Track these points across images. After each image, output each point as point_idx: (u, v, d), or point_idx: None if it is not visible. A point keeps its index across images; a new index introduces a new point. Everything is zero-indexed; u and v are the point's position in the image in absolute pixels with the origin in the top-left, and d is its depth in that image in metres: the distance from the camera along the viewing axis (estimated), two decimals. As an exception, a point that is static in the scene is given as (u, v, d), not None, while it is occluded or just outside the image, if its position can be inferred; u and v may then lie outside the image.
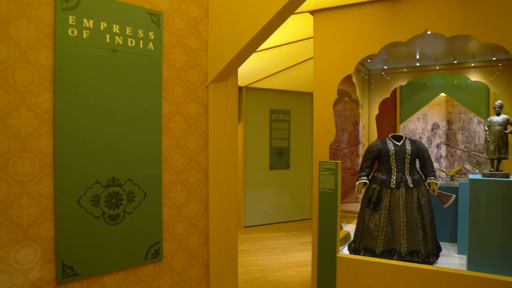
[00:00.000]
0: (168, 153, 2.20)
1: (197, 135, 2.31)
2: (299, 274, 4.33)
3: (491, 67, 5.02)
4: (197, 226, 2.34)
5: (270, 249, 5.26)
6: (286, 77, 6.11)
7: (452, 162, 6.18)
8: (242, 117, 6.33)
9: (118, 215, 2.03)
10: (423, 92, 6.16)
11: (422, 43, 4.34)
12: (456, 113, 6.16)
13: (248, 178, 6.44)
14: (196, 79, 2.30)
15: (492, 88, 5.07)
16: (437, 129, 6.31)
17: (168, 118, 2.20)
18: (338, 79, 3.71)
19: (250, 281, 4.11)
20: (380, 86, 5.55)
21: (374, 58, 4.99)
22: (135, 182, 2.08)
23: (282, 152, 6.74)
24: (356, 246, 4.05)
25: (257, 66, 5.52)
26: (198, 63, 2.30)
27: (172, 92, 2.21)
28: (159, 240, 2.20)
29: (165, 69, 2.17)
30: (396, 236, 3.87)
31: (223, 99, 2.38)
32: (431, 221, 3.94)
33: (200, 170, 2.33)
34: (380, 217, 3.95)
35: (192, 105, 2.28)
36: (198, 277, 2.37)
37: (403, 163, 4.02)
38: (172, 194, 2.23)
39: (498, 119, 3.83)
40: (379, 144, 4.12)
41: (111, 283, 2.02)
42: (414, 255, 3.82)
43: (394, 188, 3.97)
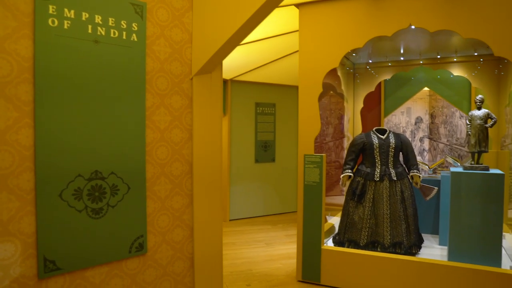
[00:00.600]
0: (152, 145, 2.18)
1: (182, 127, 2.30)
2: (284, 266, 4.36)
3: (472, 62, 5.10)
4: (182, 219, 2.33)
5: (256, 242, 5.29)
6: (272, 71, 6.10)
7: (434, 156, 6.28)
8: (227, 110, 6.31)
9: (102, 208, 2.01)
10: (407, 86, 6.23)
11: (406, 37, 4.38)
12: (439, 107, 6.25)
13: (234, 171, 6.44)
14: (180, 71, 2.27)
15: (474, 83, 5.16)
16: (421, 123, 6.39)
17: (152, 110, 2.17)
18: (323, 73, 3.72)
19: (235, 274, 4.12)
20: (365, 80, 5.60)
21: (359, 52, 5.01)
22: (118, 175, 2.06)
23: (268, 145, 6.75)
24: (341, 238, 4.10)
25: (242, 59, 5.50)
26: (182, 55, 2.28)
27: (156, 84, 2.18)
28: (143, 234, 2.18)
29: (148, 61, 2.14)
30: (380, 228, 3.92)
31: (208, 91, 2.37)
32: (413, 214, 4.01)
33: (184, 163, 2.32)
34: (364, 209, 4.00)
35: (176, 97, 2.26)
36: (183, 270, 2.37)
37: (387, 156, 4.07)
38: (156, 187, 2.22)
39: (479, 113, 3.90)
40: (363, 138, 4.16)
41: (95, 277, 2.00)
42: (397, 247, 3.88)
43: (378, 181, 4.02)
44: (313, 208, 3.78)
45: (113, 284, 2.07)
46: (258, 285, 3.85)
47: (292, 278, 3.99)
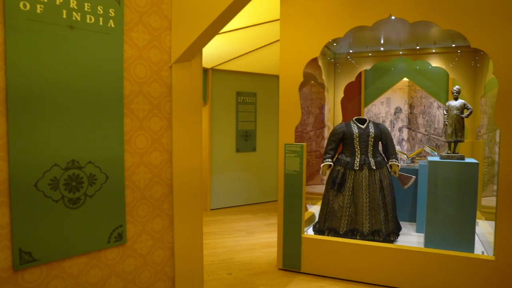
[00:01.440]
0: (130, 134, 2.15)
1: (161, 116, 2.26)
2: (265, 255, 4.40)
3: (450, 53, 5.19)
4: (162, 208, 2.31)
5: (237, 231, 5.31)
6: (253, 60, 6.07)
7: (413, 145, 6.40)
8: (208, 99, 6.26)
9: (79, 198, 1.97)
10: (386, 76, 6.30)
11: (387, 28, 4.42)
12: (418, 97, 6.35)
13: (214, 160, 6.42)
14: (159, 59, 2.23)
15: (451, 74, 5.25)
16: (400, 113, 6.49)
17: (130, 98, 2.13)
18: (304, 62, 3.72)
19: (216, 263, 4.13)
20: (346, 70, 5.63)
21: (340, 41, 5.03)
22: (96, 165, 2.02)
23: (249, 135, 6.75)
24: (321, 226, 4.15)
25: (223, 47, 5.45)
26: (161, 42, 2.24)
27: (134, 72, 2.14)
28: (123, 223, 2.16)
29: (126, 48, 2.10)
30: (359, 217, 3.99)
31: (188, 80, 2.33)
32: (392, 202, 4.09)
33: (164, 152, 2.29)
34: (344, 198, 4.05)
35: (155, 85, 2.23)
36: (163, 259, 2.36)
37: (366, 146, 4.12)
38: (135, 177, 2.19)
39: (456, 104, 3.98)
40: (343, 127, 4.20)
41: (73, 268, 1.97)
42: (376, 234, 3.96)
43: (358, 170, 4.07)
44: (293, 197, 3.81)
45: (91, 275, 2.04)
46: (239, 273, 3.87)
47: (273, 266, 4.03)
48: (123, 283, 2.18)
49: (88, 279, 2.03)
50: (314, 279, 3.72)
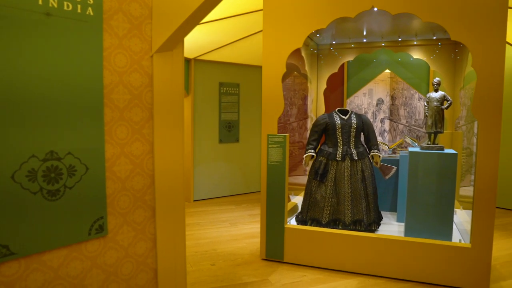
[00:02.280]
0: (111, 125, 2.11)
1: (142, 106, 2.23)
2: (248, 245, 4.42)
3: (431, 45, 5.25)
4: (143, 199, 2.29)
5: (220, 222, 5.31)
6: (236, 50, 6.03)
7: (394, 136, 6.49)
8: (190, 90, 6.20)
9: (58, 190, 1.93)
10: (369, 68, 6.35)
11: (369, 19, 4.44)
12: (399, 89, 6.42)
13: (197, 151, 6.39)
14: (140, 48, 2.19)
15: (432, 66, 5.32)
16: (382, 104, 6.56)
17: (110, 88, 2.09)
18: (287, 53, 3.71)
19: (200, 254, 4.14)
20: (329, 61, 5.64)
21: (323, 32, 5.03)
22: (75, 156, 1.99)
23: (232, 126, 6.72)
24: (303, 217, 4.19)
25: (206, 38, 5.39)
26: (142, 31, 2.19)
27: (114, 61, 2.10)
28: (103, 215, 2.13)
29: (106, 36, 2.05)
30: (341, 207, 4.03)
31: (169, 69, 2.30)
32: (373, 192, 4.14)
33: (145, 143, 2.26)
34: (326, 188, 4.09)
35: (136, 75, 2.19)
36: (145, 251, 2.34)
37: (348, 137, 4.16)
38: (116, 168, 2.16)
39: (436, 95, 4.04)
40: (326, 118, 4.22)
41: (52, 260, 1.94)
42: (358, 224, 4.01)
43: (340, 160, 4.11)
44: (276, 187, 3.82)
45: (72, 267, 2.02)
46: (222, 264, 3.88)
47: (256, 257, 4.06)
48: (105, 275, 2.16)
49: (69, 272, 2.00)
50: (297, 269, 3.76)
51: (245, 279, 3.53)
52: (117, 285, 2.22)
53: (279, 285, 3.42)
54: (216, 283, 3.45)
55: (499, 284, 3.46)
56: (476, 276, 3.30)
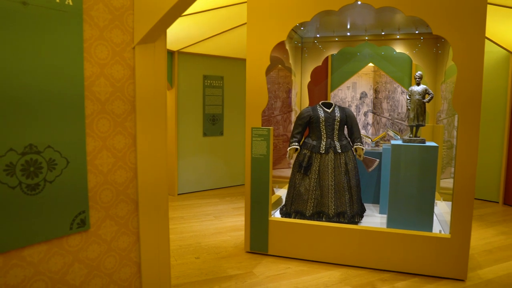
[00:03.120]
0: (92, 118, 2.08)
1: (124, 99, 2.20)
2: (232, 238, 4.43)
3: (414, 40, 5.31)
4: (126, 193, 2.27)
5: (204, 215, 5.30)
6: (220, 43, 5.99)
7: (377, 129, 6.56)
8: (174, 82, 6.14)
9: (38, 184, 1.89)
10: (353, 61, 6.39)
11: (353, 13, 4.45)
12: (383, 82, 6.49)
13: (181, 145, 6.35)
14: (121, 40, 2.15)
15: (414, 60, 5.38)
16: (365, 98, 6.62)
17: (91, 80, 2.05)
18: (271, 46, 3.71)
19: (184, 247, 4.13)
20: (313, 54, 5.66)
21: (307, 25, 5.04)
22: (55, 149, 1.95)
23: (216, 119, 6.70)
24: (288, 209, 4.21)
25: (190, 30, 5.34)
26: (123, 22, 2.15)
27: (95, 53, 2.06)
28: (85, 209, 2.10)
29: (86, 27, 2.01)
30: (325, 199, 4.07)
31: (151, 62, 2.27)
32: (357, 185, 4.19)
33: (127, 136, 2.23)
34: (310, 181, 4.11)
35: (117, 67, 2.15)
36: (128, 245, 2.32)
37: (332, 130, 4.18)
38: (97, 161, 2.12)
39: (418, 89, 4.09)
40: (310, 111, 4.24)
41: (33, 256, 1.91)
42: (341, 216, 4.06)
43: (324, 153, 4.14)
44: (260, 180, 3.83)
45: (53, 263, 1.99)
46: (206, 257, 3.88)
47: (241, 250, 4.07)
48: (87, 270, 2.14)
49: (50, 267, 1.97)
50: (281, 261, 3.78)
51: (230, 272, 3.55)
52: (100, 280, 2.20)
53: (264, 277, 3.44)
54: (201, 276, 3.46)
55: (476, 272, 3.56)
56: (455, 265, 3.38)
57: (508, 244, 4.28)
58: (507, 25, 5.07)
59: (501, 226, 4.91)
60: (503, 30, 5.26)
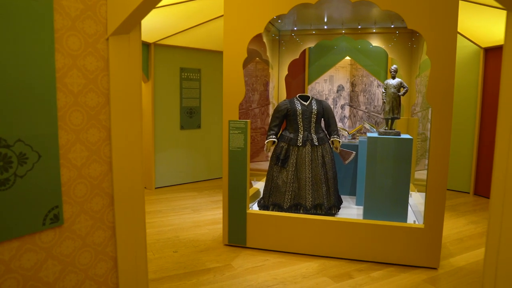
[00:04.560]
0: (64, 110, 2.02)
1: (97, 91, 2.15)
2: (210, 231, 4.42)
3: (389, 34, 5.38)
4: (101, 187, 2.22)
5: (182, 209, 5.27)
6: (197, 35, 5.92)
7: (354, 122, 6.64)
8: (150, 75, 6.05)
9: (8, 179, 1.84)
10: (330, 54, 6.44)
11: (330, 6, 4.47)
12: (359, 76, 6.56)
13: (158, 138, 6.27)
14: (94, 31, 2.10)
15: (390, 54, 5.46)
16: (342, 91, 6.68)
17: (63, 72, 1.99)
18: (248, 38, 3.69)
19: (162, 241, 4.10)
20: (290, 47, 5.66)
21: (284, 18, 5.03)
22: (26, 143, 1.89)
23: (193, 112, 6.64)
24: (265, 202, 4.23)
25: (166, 21, 5.25)
26: (96, 12, 2.10)
27: (67, 43, 2.00)
28: (59, 204, 2.05)
29: (57, 17, 1.94)
30: (302, 191, 4.10)
31: (126, 53, 2.22)
32: (333, 177, 4.24)
33: (101, 129, 2.19)
34: (288, 174, 4.14)
35: (90, 58, 2.10)
36: (104, 239, 2.29)
37: (309, 122, 4.21)
38: (71, 155, 2.07)
39: (393, 82, 4.16)
40: (287, 104, 4.25)
41: (3, 253, 1.85)
42: (318, 208, 4.10)
43: (301, 146, 4.17)
44: (238, 173, 3.83)
45: (25, 260, 1.94)
46: (185, 251, 3.87)
47: (219, 243, 4.07)
48: (61, 266, 2.10)
49: (22, 264, 1.92)
50: (259, 253, 3.80)
51: (208, 265, 3.54)
52: (75, 276, 2.16)
53: (242, 269, 3.46)
54: (179, 270, 3.44)
55: (448, 260, 3.67)
56: (428, 254, 3.48)
57: (478, 233, 4.43)
58: (478, 21, 5.20)
59: (472, 216, 5.08)
60: (474, 26, 5.40)
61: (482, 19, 5.08)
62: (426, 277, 3.33)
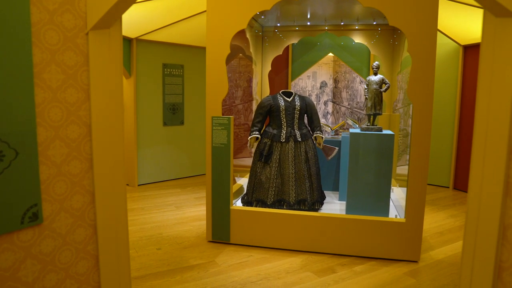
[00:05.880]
0: (43, 106, 1.98)
1: (77, 87, 2.10)
2: (194, 228, 4.40)
3: (372, 30, 5.43)
4: (81, 184, 2.19)
5: (165, 206, 5.24)
6: (180, 30, 5.87)
7: (337, 118, 6.69)
8: (132, 71, 5.96)
9: (-16, 177, 1.79)
10: (313, 51, 6.46)
11: (313, 2, 4.48)
12: (342, 72, 6.61)
13: (141, 135, 6.20)
14: (73, 25, 2.05)
15: (372, 51, 5.51)
16: (325, 87, 6.72)
17: (41, 67, 1.95)
18: (231, 34, 3.67)
19: (145, 239, 4.06)
20: (273, 43, 5.66)
21: (267, 14, 5.02)
22: (3, 140, 1.84)
23: (176, 108, 6.58)
24: (249, 198, 4.23)
25: (148, 16, 5.18)
26: (75, 6, 2.05)
27: (45, 38, 1.95)
28: (38, 202, 2.01)
29: (34, 10, 1.89)
30: (286, 187, 4.12)
31: (106, 48, 2.18)
32: (316, 173, 4.27)
33: (82, 125, 2.15)
34: (271, 169, 4.15)
35: (69, 53, 2.05)
36: (85, 238, 2.25)
37: (292, 118, 4.23)
38: (50, 152, 2.03)
39: (375, 79, 4.20)
40: (270, 100, 4.26)
41: (-20, 252, 1.81)
42: (302, 204, 4.13)
43: (284, 142, 4.18)
44: (221, 169, 3.82)
45: (3, 259, 1.89)
46: (168, 248, 3.84)
47: (203, 239, 4.06)
48: (41, 265, 2.06)
49: (-1, 264, 1.88)
50: (243, 249, 3.81)
51: (192, 262, 3.53)
52: (55, 275, 2.13)
53: (226, 266, 3.46)
54: (163, 267, 3.42)
55: (428, 253, 3.75)
56: (409, 248, 3.54)
57: (457, 226, 4.53)
58: (457, 19, 5.29)
59: (451, 210, 5.19)
60: (453, 23, 5.49)
61: (461, 17, 5.17)
62: (407, 270, 3.39)
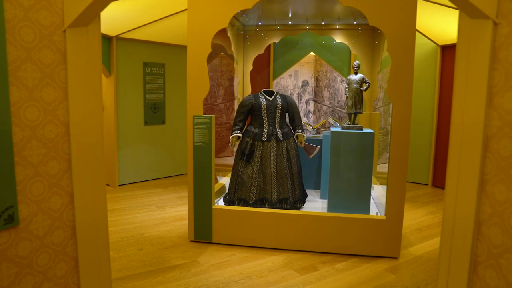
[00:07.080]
0: (19, 105, 1.93)
1: (55, 86, 2.06)
2: (176, 228, 4.37)
3: (352, 30, 5.48)
4: (60, 185, 2.14)
5: (147, 206, 5.18)
6: (161, 29, 5.81)
7: (319, 117, 6.74)
8: (112, 70, 5.88)
9: (-43, 178, 1.74)
10: (294, 50, 6.49)
11: (294, 2, 4.50)
12: (323, 71, 6.66)
13: (122, 134, 6.12)
14: (50, 22, 2.01)
15: (353, 50, 5.57)
16: (307, 86, 6.76)
17: (16, 65, 1.90)
18: (212, 33, 3.65)
19: (126, 239, 4.01)
20: (255, 42, 5.66)
21: (249, 13, 5.02)
22: (-23, 140, 1.79)
23: (157, 107, 6.52)
24: (231, 197, 4.23)
25: (128, 14, 5.11)
26: (51, 3, 2.01)
27: (20, 35, 1.90)
28: (13, 204, 1.96)
29: (8, 6, 1.84)
30: (267, 186, 4.13)
31: (84, 46, 2.14)
32: (298, 171, 4.29)
33: (59, 125, 2.10)
34: (253, 168, 4.15)
35: (46, 51, 2.01)
36: (64, 239, 2.21)
37: (274, 117, 4.24)
38: (26, 152, 1.98)
39: (356, 78, 4.25)
40: (252, 99, 4.26)
41: (-47, 256, 1.76)
42: (284, 202, 4.14)
43: (266, 141, 4.19)
44: (203, 169, 3.80)
45: (-23, 262, 1.84)
46: (150, 248, 3.81)
47: (185, 239, 4.03)
48: (17, 268, 2.01)
49: (-26, 267, 1.83)
50: (226, 249, 3.80)
51: (174, 262, 3.51)
52: (32, 278, 2.08)
53: (208, 265, 3.44)
54: (144, 268, 3.38)
55: (408, 250, 3.81)
56: (389, 245, 3.59)
57: (435, 222, 4.63)
58: (435, 20, 5.40)
59: (430, 206, 5.29)
60: (432, 24, 5.60)
61: (439, 18, 5.28)
62: (388, 267, 3.44)
